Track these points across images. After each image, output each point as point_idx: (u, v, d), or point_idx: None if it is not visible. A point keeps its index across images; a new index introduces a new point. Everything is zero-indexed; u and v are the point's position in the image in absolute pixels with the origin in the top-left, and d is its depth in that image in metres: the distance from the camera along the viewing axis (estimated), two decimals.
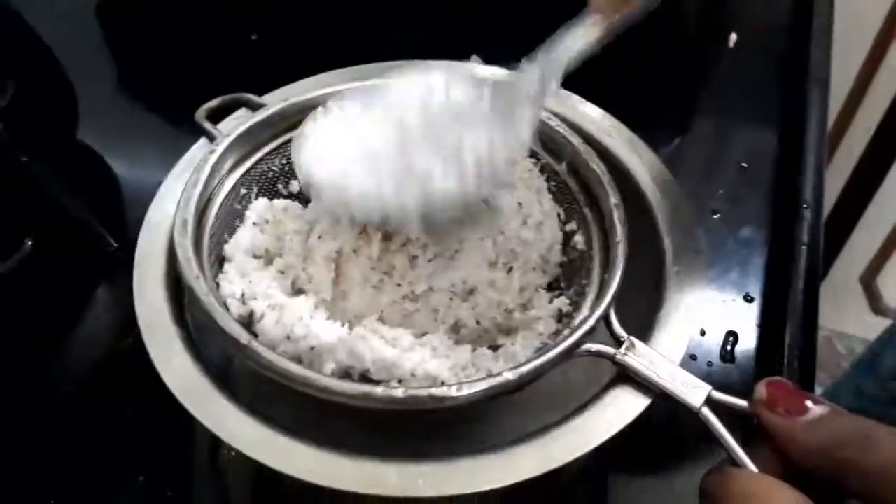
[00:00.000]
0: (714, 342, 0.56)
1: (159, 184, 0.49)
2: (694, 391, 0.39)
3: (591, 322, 0.40)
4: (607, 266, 0.45)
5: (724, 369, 0.54)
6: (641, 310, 0.44)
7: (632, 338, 0.41)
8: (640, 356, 0.40)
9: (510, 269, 0.47)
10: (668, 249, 0.46)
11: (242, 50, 0.77)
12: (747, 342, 0.56)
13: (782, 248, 0.61)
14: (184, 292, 0.43)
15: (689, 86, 0.77)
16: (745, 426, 0.38)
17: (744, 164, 0.68)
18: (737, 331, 0.56)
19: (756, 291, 0.59)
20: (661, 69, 0.44)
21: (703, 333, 0.56)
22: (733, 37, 0.79)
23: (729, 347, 0.56)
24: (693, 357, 0.55)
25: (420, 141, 0.42)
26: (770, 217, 0.64)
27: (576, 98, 0.54)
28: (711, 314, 0.58)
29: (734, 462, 0.36)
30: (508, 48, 0.45)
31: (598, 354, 0.40)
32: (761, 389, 0.36)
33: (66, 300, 0.58)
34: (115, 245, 0.60)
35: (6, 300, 0.56)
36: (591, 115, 0.54)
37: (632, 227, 0.45)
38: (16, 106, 0.49)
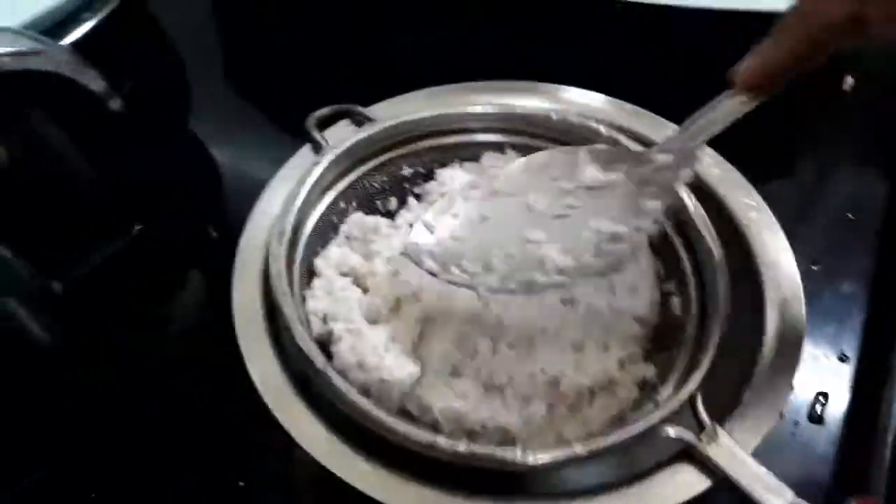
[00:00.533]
0: (803, 400, 0.52)
1: (260, 181, 0.51)
2: (775, 497, 0.36)
3: (674, 405, 0.38)
4: (701, 340, 0.43)
5: (810, 431, 0.50)
6: (726, 384, 0.41)
7: (715, 425, 0.38)
8: (720, 447, 0.37)
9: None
10: (769, 330, 0.43)
11: (353, 54, 0.78)
12: (838, 404, 0.51)
13: (884, 305, 0.56)
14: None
15: (797, 127, 0.71)
16: None
17: (850, 215, 0.63)
18: (828, 391, 0.52)
19: (852, 350, 0.54)
20: (768, 107, 0.41)
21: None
22: (849, 80, 0.73)
23: (818, 408, 0.51)
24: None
25: (544, 219, 0.43)
26: (874, 272, 0.59)
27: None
28: (802, 371, 0.53)
29: None
30: None
31: (679, 440, 0.38)
32: None
33: (166, 283, 0.60)
34: (215, 235, 0.62)
35: (112, 279, 0.58)
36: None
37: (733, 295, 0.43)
38: (132, 101, 0.51)
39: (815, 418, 0.51)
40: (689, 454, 0.38)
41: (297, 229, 0.47)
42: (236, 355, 0.41)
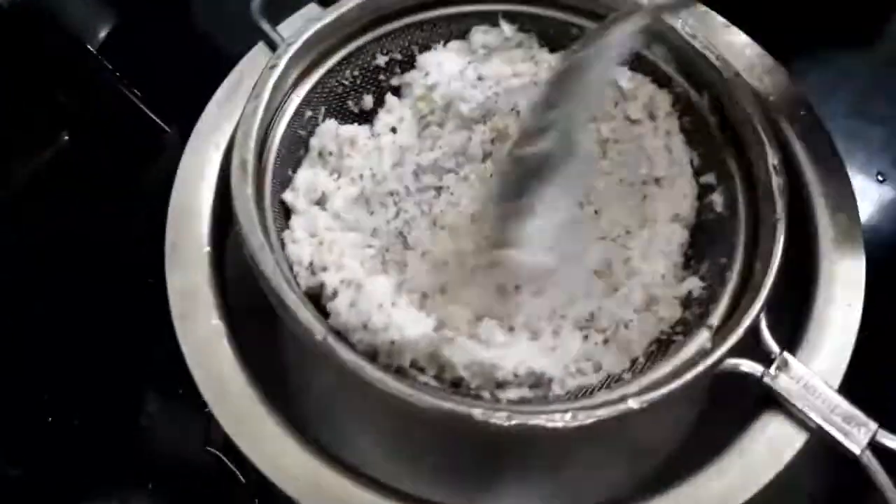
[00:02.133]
0: None
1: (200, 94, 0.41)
2: (856, 430, 0.32)
3: (739, 333, 0.33)
4: (755, 242, 0.37)
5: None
6: (788, 308, 0.36)
7: (786, 354, 0.33)
8: (793, 379, 0.33)
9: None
10: (825, 233, 0.37)
11: None
12: None
13: None
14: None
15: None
16: None
17: None
18: None
19: None
20: None
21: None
22: None
23: None
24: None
25: None
26: None
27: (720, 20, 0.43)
28: None
29: None
30: None
31: (745, 376, 0.33)
32: None
33: (106, 196, 0.51)
34: (168, 130, 0.52)
35: (42, 197, 0.50)
36: (736, 43, 0.43)
37: None
38: None
39: None
40: (769, 400, 0.33)
41: (260, 155, 0.38)
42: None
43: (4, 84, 0.47)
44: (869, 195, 0.50)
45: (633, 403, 0.31)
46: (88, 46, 0.51)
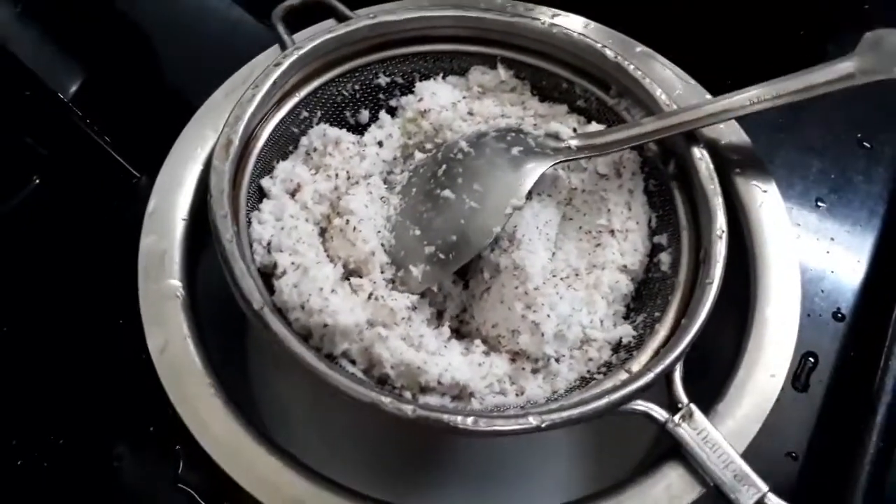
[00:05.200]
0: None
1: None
2: (746, 489, 0.33)
3: (649, 377, 0.34)
4: (688, 303, 0.38)
5: (792, 400, 0.46)
6: (714, 368, 0.38)
7: (692, 406, 0.34)
8: (695, 430, 0.34)
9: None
10: (763, 302, 0.39)
11: None
12: (825, 368, 0.47)
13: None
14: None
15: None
16: None
17: (866, 143, 0.56)
18: (817, 352, 0.47)
19: (848, 309, 0.49)
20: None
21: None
22: None
23: (804, 374, 0.47)
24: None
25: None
26: (886, 215, 0.53)
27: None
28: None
29: None
30: None
31: (648, 417, 0.34)
32: None
33: (76, 239, 0.52)
34: (139, 176, 0.54)
35: (12, 240, 0.52)
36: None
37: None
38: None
39: (801, 386, 0.47)
40: (676, 451, 0.34)
41: (248, 140, 0.41)
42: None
43: None
44: (810, 223, 0.53)
45: (533, 420, 0.32)
46: (61, 96, 0.54)
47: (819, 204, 0.53)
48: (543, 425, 0.32)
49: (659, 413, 0.34)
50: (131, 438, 0.45)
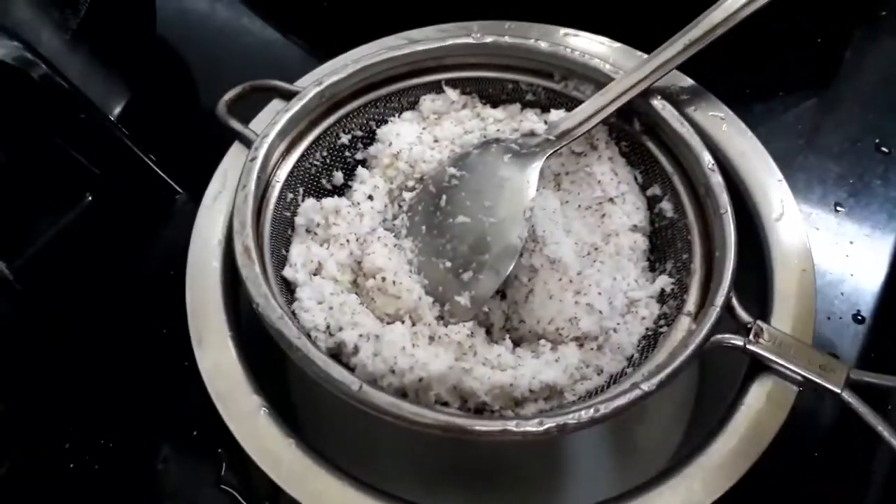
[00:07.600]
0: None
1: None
2: (832, 373, 0.36)
3: (717, 311, 0.37)
4: (708, 236, 0.42)
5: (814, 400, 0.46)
6: (750, 283, 0.41)
7: (759, 322, 0.38)
8: (770, 342, 0.37)
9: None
10: (766, 214, 0.43)
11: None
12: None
13: None
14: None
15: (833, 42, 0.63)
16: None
17: (884, 149, 0.57)
18: (838, 354, 0.48)
19: (868, 311, 0.50)
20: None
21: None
22: None
23: None
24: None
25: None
26: None
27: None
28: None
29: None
30: None
31: (731, 347, 0.37)
32: None
33: (125, 252, 0.55)
34: (181, 192, 0.56)
35: (67, 253, 0.54)
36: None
37: None
38: (91, 21, 0.49)
39: None
40: (756, 365, 0.37)
41: (259, 242, 0.41)
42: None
43: (35, 149, 0.51)
44: (829, 227, 0.54)
45: (645, 387, 0.35)
46: (109, 116, 0.56)
47: (838, 208, 0.54)
48: (653, 388, 0.35)
49: (736, 339, 0.37)
50: (176, 442, 0.47)
